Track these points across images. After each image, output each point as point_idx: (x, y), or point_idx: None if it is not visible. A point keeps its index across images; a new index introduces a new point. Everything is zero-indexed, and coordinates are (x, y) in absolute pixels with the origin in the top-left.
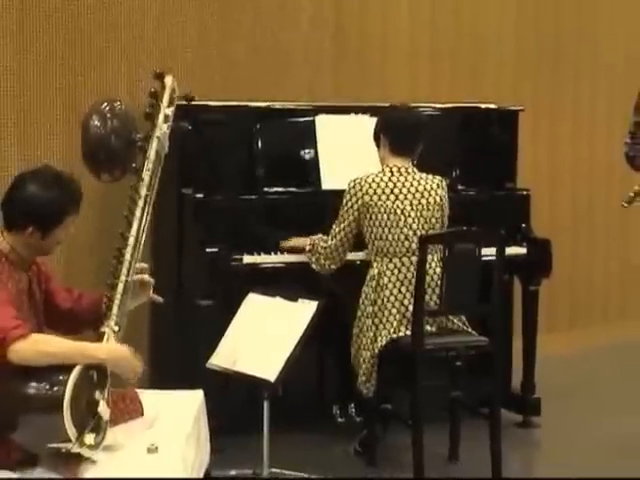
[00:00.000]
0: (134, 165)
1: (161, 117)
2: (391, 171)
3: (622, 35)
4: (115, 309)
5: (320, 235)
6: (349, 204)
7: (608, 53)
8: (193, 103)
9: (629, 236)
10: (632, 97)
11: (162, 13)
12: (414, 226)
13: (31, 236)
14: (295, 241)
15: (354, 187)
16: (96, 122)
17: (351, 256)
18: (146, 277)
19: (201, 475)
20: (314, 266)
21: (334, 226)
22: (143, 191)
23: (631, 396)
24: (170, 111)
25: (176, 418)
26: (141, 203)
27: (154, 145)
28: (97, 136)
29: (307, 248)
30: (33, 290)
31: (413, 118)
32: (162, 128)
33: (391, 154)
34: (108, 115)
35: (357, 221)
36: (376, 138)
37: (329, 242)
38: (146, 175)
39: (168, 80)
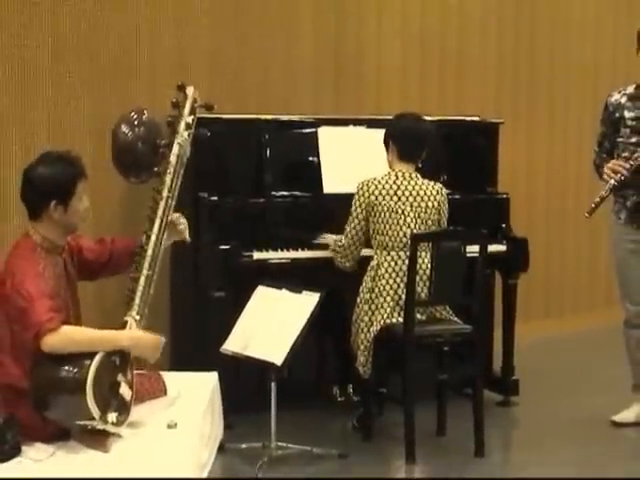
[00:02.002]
0: (156, 169)
1: (182, 125)
2: (396, 175)
3: (591, 57)
4: (137, 300)
5: (341, 236)
6: (357, 203)
7: (578, 72)
8: (209, 116)
9: (596, 235)
10: (599, 111)
11: (180, 33)
12: (412, 225)
13: (55, 211)
14: (329, 238)
15: (362, 188)
16: (124, 129)
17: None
18: (181, 218)
19: (215, 448)
20: (336, 264)
21: (346, 226)
22: (165, 192)
23: (598, 377)
24: (191, 119)
25: (193, 397)
26: (162, 204)
27: (175, 150)
28: (125, 142)
29: (330, 247)
30: (68, 271)
31: (420, 128)
32: (183, 135)
33: (398, 159)
34: (135, 123)
35: (366, 219)
36: (386, 143)
37: (343, 241)
38: (167, 178)
39: (189, 91)
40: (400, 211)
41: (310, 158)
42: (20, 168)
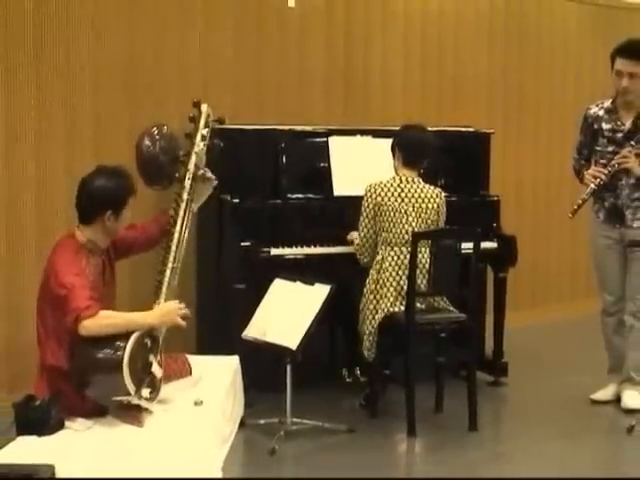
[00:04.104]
0: (177, 175)
1: (199, 136)
2: (400, 179)
3: (572, 73)
4: (164, 289)
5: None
6: (366, 204)
7: (561, 88)
8: (231, 127)
9: (577, 233)
10: (579, 122)
11: (207, 54)
12: (413, 224)
13: (109, 220)
14: (354, 235)
15: (370, 190)
16: (147, 142)
17: None
18: (210, 174)
19: (237, 423)
20: (359, 260)
21: (359, 226)
22: (185, 196)
23: (579, 360)
24: (206, 132)
25: (217, 378)
26: (183, 205)
27: (193, 159)
28: (148, 154)
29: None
30: (105, 272)
31: (423, 138)
32: (199, 145)
33: (403, 165)
34: (157, 137)
35: (374, 218)
36: (392, 150)
37: (357, 240)
38: (187, 183)
39: (204, 107)
40: (403, 211)
41: (322, 164)
42: (68, 175)
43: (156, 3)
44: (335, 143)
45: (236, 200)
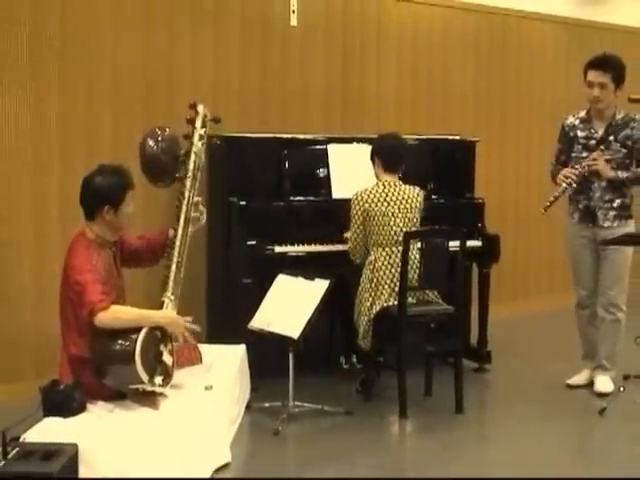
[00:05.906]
0: (178, 174)
1: (196, 137)
2: (383, 185)
3: (549, 85)
4: (171, 283)
5: None
6: (355, 211)
7: (539, 99)
8: (239, 135)
9: (555, 232)
10: (556, 131)
11: (217, 68)
12: (400, 224)
13: (108, 214)
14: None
15: (357, 198)
16: (150, 143)
17: None
18: (201, 207)
19: (244, 406)
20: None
21: (349, 231)
22: (186, 193)
23: (555, 348)
24: (203, 131)
25: (226, 365)
26: (185, 202)
27: (192, 158)
28: (151, 154)
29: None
30: (117, 262)
31: (399, 144)
32: (197, 145)
33: (383, 171)
34: (159, 138)
35: (363, 223)
36: (372, 158)
37: (349, 244)
38: (188, 182)
39: (200, 108)
40: (390, 214)
41: (321, 169)
42: (88, 170)
43: (170, 23)
44: (334, 150)
45: (243, 202)
